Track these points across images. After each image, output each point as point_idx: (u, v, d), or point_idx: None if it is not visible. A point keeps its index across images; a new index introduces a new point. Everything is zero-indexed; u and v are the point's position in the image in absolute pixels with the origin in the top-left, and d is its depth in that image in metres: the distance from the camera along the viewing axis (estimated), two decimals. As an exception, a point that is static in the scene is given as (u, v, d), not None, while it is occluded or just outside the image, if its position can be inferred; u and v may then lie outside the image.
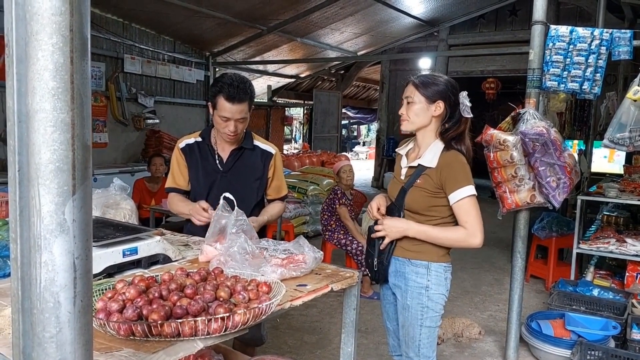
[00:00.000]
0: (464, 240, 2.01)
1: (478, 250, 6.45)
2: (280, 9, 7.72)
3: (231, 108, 2.21)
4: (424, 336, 2.08)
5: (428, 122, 2.08)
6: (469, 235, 2.00)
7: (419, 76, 2.11)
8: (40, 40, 0.60)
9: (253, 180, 2.42)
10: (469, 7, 9.57)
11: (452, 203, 2.01)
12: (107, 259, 1.61)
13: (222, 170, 2.39)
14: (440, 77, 2.10)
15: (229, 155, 2.40)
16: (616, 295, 4.03)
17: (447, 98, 2.05)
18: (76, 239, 0.64)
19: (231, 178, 2.36)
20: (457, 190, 1.99)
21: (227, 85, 2.20)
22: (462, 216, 2.01)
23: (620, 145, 3.38)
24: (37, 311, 0.63)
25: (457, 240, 2.03)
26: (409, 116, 2.08)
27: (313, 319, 4.05)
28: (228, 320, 1.19)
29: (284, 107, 13.87)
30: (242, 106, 2.23)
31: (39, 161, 0.62)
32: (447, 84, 2.07)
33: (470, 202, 2.01)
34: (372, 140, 21.71)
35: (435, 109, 2.05)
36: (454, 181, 2.00)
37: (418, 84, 2.07)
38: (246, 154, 2.42)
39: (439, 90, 2.05)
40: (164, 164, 5.37)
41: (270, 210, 2.46)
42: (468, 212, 2.00)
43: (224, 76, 2.27)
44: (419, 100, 2.06)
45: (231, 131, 2.25)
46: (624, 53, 3.19)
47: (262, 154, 2.45)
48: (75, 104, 0.63)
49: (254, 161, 2.43)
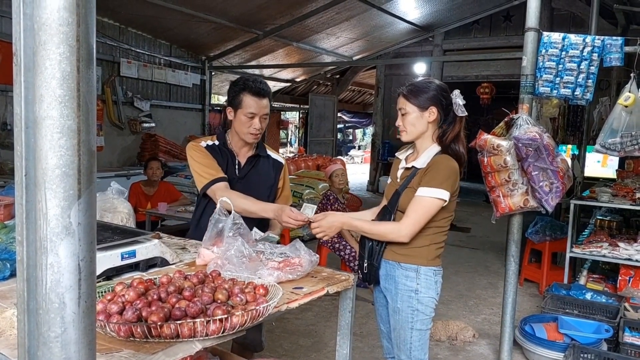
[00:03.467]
0: (391, 234, 2.06)
1: (472, 254, 6.50)
2: (276, 14, 7.76)
3: (258, 102, 2.25)
4: (415, 339, 2.11)
5: (425, 128, 2.11)
6: (396, 230, 2.04)
7: (408, 86, 2.13)
8: (48, 50, 0.62)
9: (266, 187, 2.44)
10: (463, 12, 9.64)
11: (416, 194, 2.02)
12: (105, 262, 1.62)
13: (239, 176, 2.39)
14: (428, 83, 2.12)
15: (246, 161, 2.41)
16: (609, 298, 4.07)
17: (439, 102, 2.08)
18: (81, 242, 0.66)
19: (246, 184, 2.36)
20: (428, 188, 2.00)
21: (251, 81, 2.26)
22: (410, 209, 2.03)
23: (612, 150, 3.43)
24: (43, 311, 0.65)
25: (386, 233, 2.08)
26: (406, 127, 2.11)
27: (308, 323, 4.07)
28: (226, 321, 1.21)
29: (279, 111, 13.90)
30: (266, 101, 2.28)
31: (46, 166, 0.64)
32: (436, 89, 2.09)
33: (426, 202, 2.00)
34: (367, 144, 21.75)
35: (429, 115, 2.08)
36: (430, 179, 2.01)
37: (407, 94, 2.10)
38: (261, 162, 2.45)
39: (430, 97, 2.07)
40: (160, 168, 5.37)
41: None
42: (418, 209, 2.01)
43: (241, 78, 2.31)
44: (412, 110, 2.08)
45: (257, 128, 2.27)
46: (615, 60, 3.23)
47: (274, 164, 2.48)
48: (81, 111, 0.65)
49: (268, 169, 2.46)
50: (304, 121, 14.64)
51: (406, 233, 2.02)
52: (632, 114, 3.41)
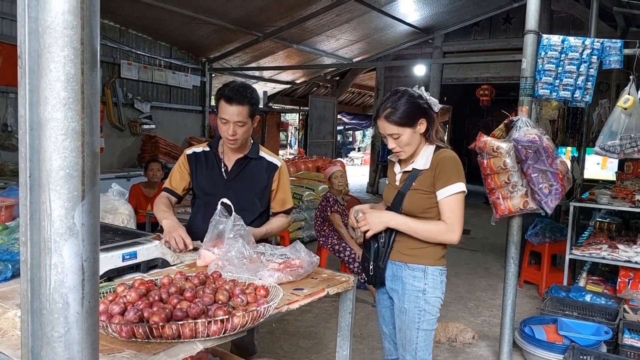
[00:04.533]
0: (442, 233, 2.04)
1: (472, 256, 6.50)
2: (277, 16, 7.78)
3: (229, 109, 2.25)
4: (421, 339, 2.11)
5: (420, 140, 2.11)
6: (448, 231, 2.03)
7: (388, 110, 2.05)
8: (53, 53, 0.63)
9: (256, 190, 2.44)
10: (463, 15, 9.65)
11: (440, 199, 2.03)
12: (107, 263, 1.63)
13: (227, 179, 2.41)
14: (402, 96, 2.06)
15: (234, 164, 2.42)
16: (608, 300, 4.07)
17: (423, 111, 2.07)
18: (85, 242, 0.66)
19: (235, 187, 2.38)
20: (447, 187, 2.02)
21: (228, 88, 2.28)
22: (446, 212, 2.03)
23: (612, 152, 3.44)
24: (47, 312, 0.66)
25: (436, 233, 2.05)
26: (402, 148, 2.10)
27: (308, 324, 4.07)
28: (227, 322, 1.21)
29: (279, 113, 13.91)
30: (240, 109, 2.26)
31: (50, 168, 0.64)
32: (413, 100, 2.05)
33: (456, 199, 2.03)
34: (367, 146, 21.77)
35: (420, 127, 2.08)
36: (445, 178, 2.03)
37: (395, 119, 2.04)
38: (252, 164, 2.45)
39: (414, 112, 2.05)
40: (160, 169, 5.37)
41: (272, 223, 2.47)
42: (452, 208, 2.03)
43: (225, 83, 2.34)
44: (404, 131, 2.06)
45: (230, 134, 2.28)
46: (614, 62, 3.24)
47: (267, 166, 2.47)
48: (85, 113, 0.65)
49: (259, 172, 2.45)
50: (303, 123, 14.64)
51: (457, 233, 2.03)
52: (631, 116, 3.42)
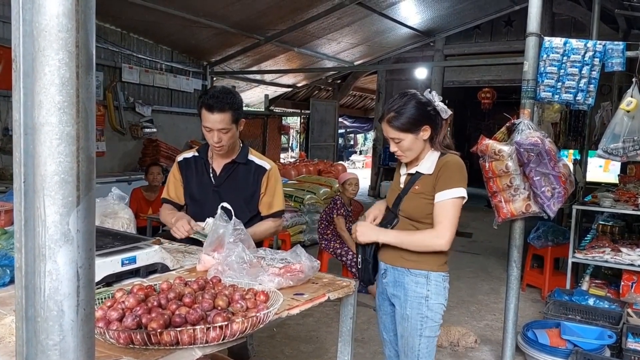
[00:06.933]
0: (429, 239, 2.00)
1: (474, 259, 6.47)
2: (278, 19, 7.78)
3: (210, 117, 2.24)
4: (423, 346, 2.09)
5: (422, 146, 2.07)
6: (434, 236, 1.99)
7: (391, 113, 2.03)
8: (47, 56, 0.62)
9: (244, 195, 2.41)
10: (464, 17, 9.65)
11: (436, 201, 2.00)
12: (106, 268, 1.62)
13: (215, 184, 2.40)
14: (408, 101, 2.02)
15: (222, 169, 2.41)
16: (612, 304, 4.05)
17: (428, 117, 2.03)
18: (80, 249, 0.65)
19: (223, 192, 2.36)
20: (446, 190, 1.99)
21: (208, 96, 2.25)
22: (438, 216, 2.00)
23: (614, 155, 3.42)
24: (41, 319, 0.64)
25: (422, 239, 2.02)
26: (404, 153, 2.08)
27: (310, 328, 4.05)
28: (226, 328, 1.20)
29: (280, 116, 13.91)
30: (222, 116, 2.23)
31: (45, 173, 0.63)
32: (419, 106, 2.01)
33: (453, 204, 1.99)
34: (368, 149, 21.75)
35: (423, 134, 2.04)
36: (446, 181, 2.00)
37: (397, 124, 2.01)
38: (240, 169, 2.43)
39: (418, 118, 2.01)
40: (161, 173, 5.37)
41: (256, 227, 2.40)
42: (446, 212, 1.98)
43: (208, 89, 2.33)
44: (405, 136, 2.03)
45: (215, 141, 2.27)
46: (616, 64, 3.23)
47: (255, 169, 2.45)
48: (80, 118, 0.64)
49: (247, 176, 2.44)
50: (305, 126, 14.64)
51: (445, 238, 1.98)
52: (634, 118, 3.40)
